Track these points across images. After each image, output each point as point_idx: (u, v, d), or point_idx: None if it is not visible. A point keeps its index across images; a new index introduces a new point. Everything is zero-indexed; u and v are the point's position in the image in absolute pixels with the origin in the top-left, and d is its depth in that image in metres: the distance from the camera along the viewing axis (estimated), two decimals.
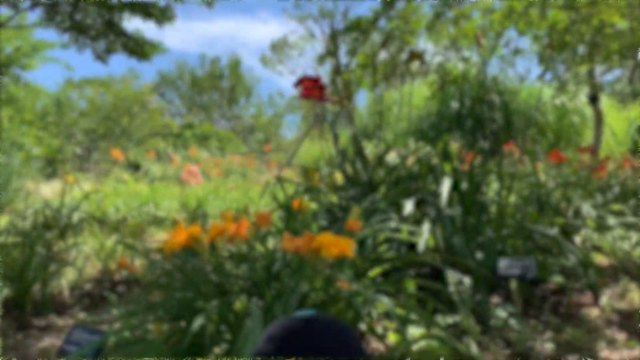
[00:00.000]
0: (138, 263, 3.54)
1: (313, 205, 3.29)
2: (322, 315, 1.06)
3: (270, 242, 2.79)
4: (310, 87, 2.87)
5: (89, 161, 12.80)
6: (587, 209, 3.80)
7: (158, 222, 5.13)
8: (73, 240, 4.18)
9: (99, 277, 3.93)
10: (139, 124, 13.39)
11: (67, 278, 3.80)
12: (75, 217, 4.23)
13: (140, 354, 2.21)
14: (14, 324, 3.19)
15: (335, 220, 3.05)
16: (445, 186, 2.95)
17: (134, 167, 10.79)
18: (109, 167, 10.21)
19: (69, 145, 13.35)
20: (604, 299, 2.70)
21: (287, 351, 0.99)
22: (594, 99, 5.87)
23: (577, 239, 3.52)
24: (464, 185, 3.13)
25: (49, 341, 2.93)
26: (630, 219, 3.94)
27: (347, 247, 1.87)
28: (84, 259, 4.05)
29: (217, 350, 2.14)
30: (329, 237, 1.89)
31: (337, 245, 1.86)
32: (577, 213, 3.78)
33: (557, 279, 2.96)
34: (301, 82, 2.94)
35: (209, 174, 9.24)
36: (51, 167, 13.02)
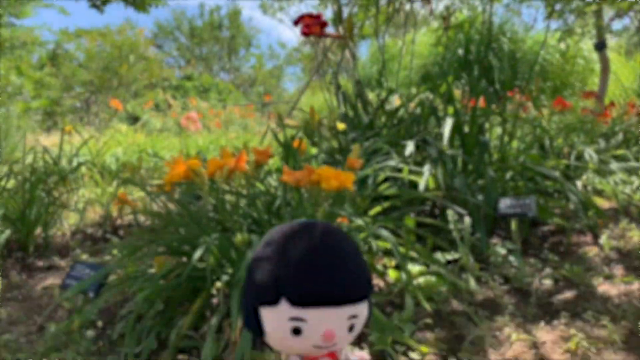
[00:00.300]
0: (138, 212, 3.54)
1: (313, 151, 3.27)
2: (320, 223, 1.04)
3: (271, 182, 2.78)
4: (310, 24, 2.80)
5: (88, 113, 12.70)
6: (589, 153, 3.78)
7: (158, 169, 5.13)
8: (73, 185, 4.18)
9: (100, 222, 3.95)
10: (137, 75, 13.21)
11: (68, 222, 3.82)
12: (75, 162, 4.21)
13: (141, 288, 2.23)
14: (17, 265, 3.22)
15: (335, 163, 3.03)
16: (447, 126, 2.91)
17: (133, 118, 10.72)
18: (108, 118, 10.13)
19: (67, 99, 13.22)
20: (603, 238, 2.70)
21: (285, 254, 0.98)
22: (600, 46, 5.74)
23: (579, 183, 3.51)
24: (467, 128, 3.09)
25: (52, 281, 2.96)
26: (633, 164, 3.92)
27: (348, 179, 1.86)
28: (84, 203, 4.06)
29: (218, 284, 2.16)
30: (329, 170, 1.87)
31: (337, 178, 1.84)
32: (580, 158, 3.76)
33: (557, 220, 2.97)
34: (301, 19, 2.86)
35: (209, 126, 9.17)
36: (50, 119, 12.95)
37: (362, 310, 1.00)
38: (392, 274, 2.38)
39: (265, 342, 1.03)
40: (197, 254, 1.87)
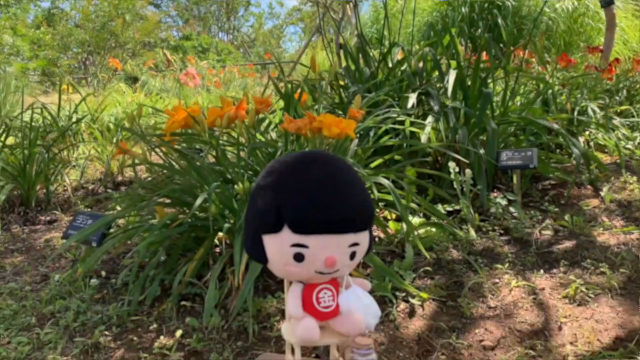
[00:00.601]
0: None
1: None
2: (322, 152, 1.04)
3: (272, 135, 2.77)
4: None
5: (87, 73, 12.57)
6: (592, 108, 3.75)
7: (158, 128, 5.09)
8: (73, 141, 4.16)
9: (101, 178, 3.95)
10: (133, 34, 13.00)
11: (69, 178, 3.82)
12: (74, 119, 4.18)
13: (143, 237, 2.24)
14: (19, 220, 3.24)
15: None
16: (451, 78, 2.88)
17: (132, 79, 10.60)
18: (107, 78, 10.02)
19: (65, 60, 13.06)
20: (604, 190, 2.70)
21: (287, 182, 0.98)
22: (608, 2, 5.62)
23: (581, 140, 3.49)
24: (469, 81, 3.05)
25: (54, 234, 2.98)
26: (637, 119, 3.90)
27: (349, 127, 1.84)
28: (85, 159, 4.06)
29: (220, 234, 2.17)
30: (331, 117, 1.85)
31: (338, 125, 1.83)
32: (584, 114, 3.73)
33: (558, 175, 2.96)
34: None
35: (208, 86, 9.08)
36: (49, 80, 12.82)
37: (363, 238, 1.01)
38: (392, 226, 2.39)
39: (269, 270, 1.04)
40: (199, 201, 1.87)
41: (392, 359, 1.63)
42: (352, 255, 1.01)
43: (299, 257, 0.97)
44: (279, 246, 0.98)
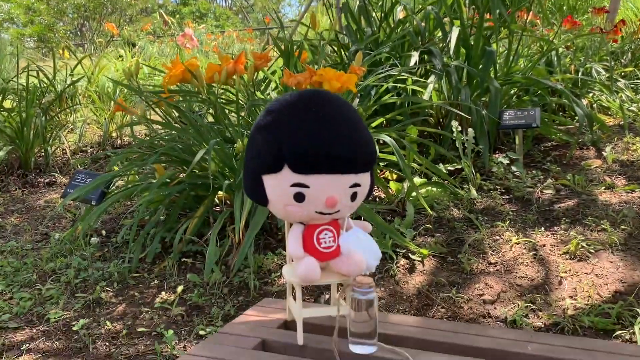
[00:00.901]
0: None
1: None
2: (323, 91, 1.02)
3: (272, 95, 2.73)
4: None
5: (84, 40, 12.39)
6: (597, 70, 3.69)
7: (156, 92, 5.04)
8: (70, 103, 4.13)
9: (99, 141, 3.93)
10: (132, 0, 12.78)
11: (68, 141, 3.80)
12: (70, 82, 4.13)
13: (143, 197, 2.23)
14: (19, 182, 3.23)
15: None
16: (454, 37, 2.82)
17: (130, 44, 10.45)
18: (104, 44, 9.88)
19: (61, 26, 12.85)
20: (607, 150, 2.68)
21: (287, 120, 0.96)
22: None
23: (585, 101, 3.45)
24: (472, 41, 3.00)
25: (54, 195, 2.98)
26: None
27: (350, 81, 1.81)
28: (83, 122, 4.03)
29: (220, 193, 2.16)
30: (331, 71, 1.82)
31: (339, 79, 1.80)
32: (587, 75, 3.68)
33: (561, 136, 2.94)
34: None
35: (207, 51, 8.95)
36: (45, 46, 12.64)
37: (365, 179, 0.99)
38: (393, 186, 2.38)
39: (269, 210, 1.02)
40: (198, 157, 1.85)
41: (393, 312, 1.63)
42: (353, 196, 0.99)
43: (299, 197, 0.95)
44: (279, 186, 0.96)
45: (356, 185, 0.98)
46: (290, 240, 1.00)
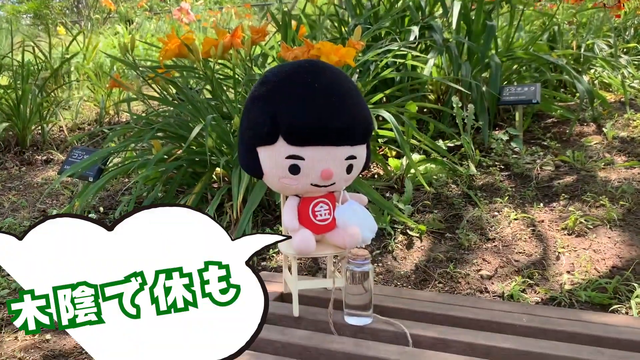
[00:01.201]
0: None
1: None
2: (319, 61, 1.00)
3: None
4: None
5: (80, 17, 12.25)
6: (599, 45, 3.65)
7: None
8: (67, 80, 4.09)
9: (96, 119, 3.90)
10: None
11: (65, 119, 3.77)
12: (66, 59, 4.08)
13: (140, 173, 2.22)
14: (16, 159, 3.21)
15: None
16: (455, 11, 2.78)
17: (127, 21, 10.33)
18: (101, 20, 9.76)
19: (57, 2, 12.68)
20: (607, 126, 2.66)
21: (282, 91, 0.94)
22: None
23: (586, 78, 3.42)
24: (473, 16, 2.96)
25: (51, 172, 2.97)
26: None
27: (348, 54, 1.79)
28: (79, 99, 4.00)
29: (217, 170, 2.15)
30: (329, 45, 1.79)
31: (337, 53, 1.77)
32: (590, 51, 3.64)
33: (561, 112, 2.91)
34: None
35: (205, 27, 8.85)
36: (41, 23, 12.49)
37: (360, 152, 0.98)
38: (392, 163, 2.36)
39: (265, 183, 1.02)
40: (194, 132, 1.83)
41: (390, 288, 1.63)
42: (349, 169, 0.98)
43: (294, 170, 0.94)
44: (274, 158, 0.95)
45: (352, 157, 0.97)
46: (286, 212, 0.99)
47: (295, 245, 0.96)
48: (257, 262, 1.81)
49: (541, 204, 2.05)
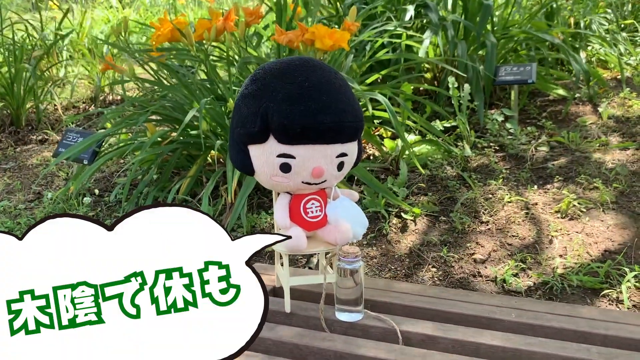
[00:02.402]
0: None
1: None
2: (310, 58, 0.99)
3: (263, 49, 2.68)
4: None
5: None
6: (596, 23, 3.62)
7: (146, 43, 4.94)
8: (60, 58, 4.05)
9: (91, 97, 3.87)
10: None
11: (60, 97, 3.74)
12: (59, 36, 4.03)
13: (135, 155, 2.22)
14: (10, 139, 3.20)
15: None
16: None
17: None
18: None
19: None
20: (602, 106, 2.66)
21: (271, 90, 0.94)
22: None
23: (583, 55, 3.40)
24: None
25: (46, 153, 2.96)
26: None
27: (343, 38, 1.77)
28: (74, 77, 3.96)
29: (212, 152, 2.15)
30: (324, 28, 1.78)
31: (332, 37, 1.75)
32: (587, 28, 3.61)
33: (557, 91, 2.91)
34: None
35: (201, 1, 8.73)
36: None
37: (351, 149, 0.98)
38: (387, 144, 2.36)
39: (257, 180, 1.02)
40: (189, 116, 1.83)
41: (384, 271, 1.65)
42: (340, 166, 0.98)
43: (285, 168, 0.95)
44: (265, 157, 0.95)
45: (343, 155, 0.97)
46: (277, 210, 1.00)
47: (287, 243, 0.97)
48: None
49: (535, 186, 2.06)
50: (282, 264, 1.08)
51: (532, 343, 0.97)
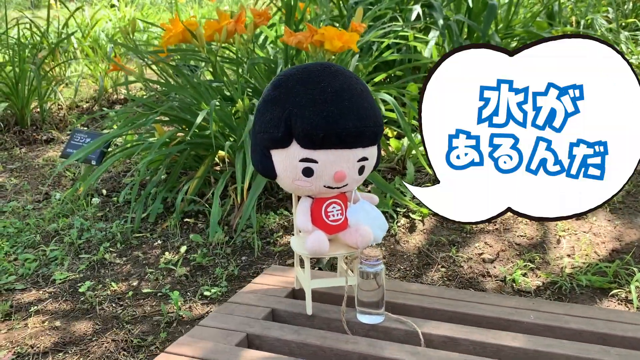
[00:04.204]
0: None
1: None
2: (331, 64, 1.00)
3: (269, 50, 2.69)
4: None
5: None
6: (598, 21, 3.63)
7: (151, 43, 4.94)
8: (64, 58, 4.05)
9: (95, 96, 3.88)
10: None
11: (64, 97, 3.75)
12: (63, 35, 4.04)
13: (144, 155, 2.23)
14: (16, 139, 3.21)
15: None
16: None
17: None
18: None
19: None
20: None
21: (294, 96, 0.94)
22: None
23: None
24: None
25: (52, 153, 2.97)
26: None
27: (352, 40, 1.78)
28: (78, 77, 3.97)
29: (221, 152, 2.16)
30: (333, 30, 1.78)
31: (341, 38, 1.76)
32: (588, 27, 3.62)
33: None
34: None
35: (201, 2, 8.73)
36: None
37: (372, 152, 0.99)
38: (393, 143, 2.37)
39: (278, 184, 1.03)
40: (199, 118, 1.84)
41: (393, 271, 1.67)
42: (361, 170, 0.99)
43: (308, 172, 0.96)
44: (287, 161, 0.96)
45: (364, 159, 0.98)
46: (299, 213, 1.01)
47: (309, 246, 0.98)
48: (262, 246, 1.84)
49: None
50: (301, 267, 1.09)
51: (552, 345, 0.98)
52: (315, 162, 0.95)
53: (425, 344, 1.01)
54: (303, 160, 0.95)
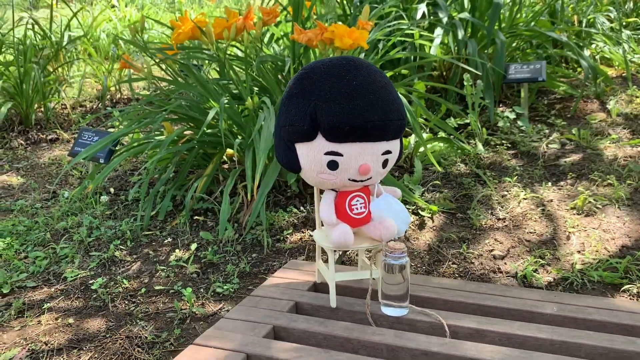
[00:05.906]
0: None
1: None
2: (355, 57, 1.00)
3: (276, 48, 2.69)
4: None
5: None
6: (600, 20, 3.65)
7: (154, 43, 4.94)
8: (67, 58, 4.05)
9: (99, 95, 3.88)
10: None
11: (67, 96, 3.75)
12: (67, 36, 4.03)
13: (152, 153, 2.23)
14: (21, 138, 3.21)
15: None
16: None
17: None
18: None
19: None
20: (611, 103, 2.69)
21: (319, 90, 0.95)
22: None
23: (587, 52, 3.42)
24: None
25: (58, 152, 2.97)
26: None
27: (362, 37, 1.79)
28: (82, 76, 3.96)
29: (229, 150, 2.16)
30: (342, 27, 1.79)
31: (351, 36, 1.77)
32: (590, 26, 3.64)
33: (565, 88, 2.93)
34: None
35: (201, 1, 8.73)
36: None
37: (395, 146, 1.00)
38: None
39: (302, 178, 1.04)
40: (210, 117, 1.84)
41: (418, 276, 1.67)
42: (385, 163, 1.00)
43: (333, 165, 0.96)
44: (312, 154, 0.97)
45: (388, 152, 0.99)
46: (323, 207, 1.02)
47: (335, 239, 0.99)
48: (272, 244, 1.84)
49: (549, 183, 2.08)
50: (324, 260, 1.10)
51: (579, 335, 0.99)
52: (341, 155, 0.95)
53: (451, 336, 1.01)
54: (328, 153, 0.95)
